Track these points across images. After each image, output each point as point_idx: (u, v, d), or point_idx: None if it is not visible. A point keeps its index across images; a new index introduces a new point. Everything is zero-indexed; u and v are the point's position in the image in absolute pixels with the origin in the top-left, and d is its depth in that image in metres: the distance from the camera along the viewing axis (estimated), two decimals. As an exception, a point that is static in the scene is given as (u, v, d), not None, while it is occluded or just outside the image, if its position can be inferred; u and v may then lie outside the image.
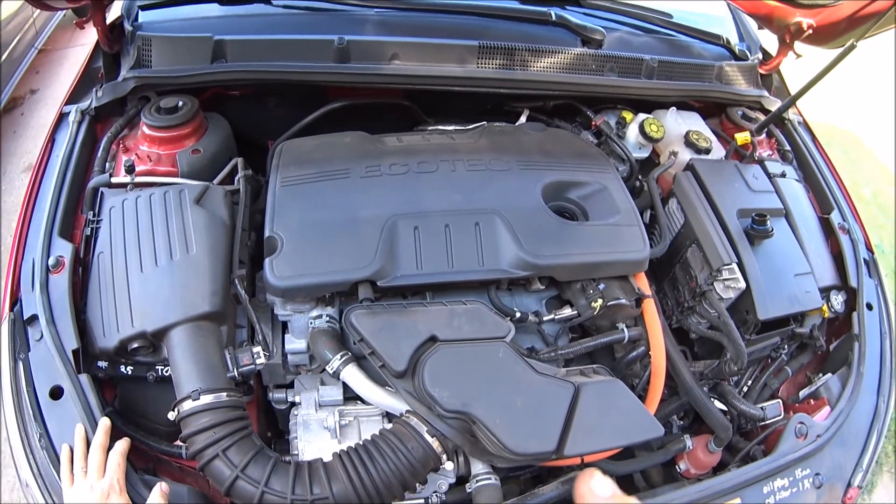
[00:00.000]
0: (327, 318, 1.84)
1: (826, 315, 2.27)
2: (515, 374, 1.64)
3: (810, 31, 2.52)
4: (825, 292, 2.28)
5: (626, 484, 2.13)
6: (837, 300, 2.31)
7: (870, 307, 2.33)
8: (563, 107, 2.64)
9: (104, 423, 1.59)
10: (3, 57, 4.93)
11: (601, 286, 1.93)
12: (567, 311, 1.95)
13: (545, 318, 1.93)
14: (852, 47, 2.16)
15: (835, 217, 2.51)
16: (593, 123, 2.53)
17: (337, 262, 1.77)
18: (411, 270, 1.78)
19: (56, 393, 1.65)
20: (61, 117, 2.32)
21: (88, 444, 1.57)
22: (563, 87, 2.46)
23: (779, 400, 2.20)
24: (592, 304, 1.90)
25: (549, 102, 2.64)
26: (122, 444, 1.59)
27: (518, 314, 1.88)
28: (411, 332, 1.66)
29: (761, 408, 2.11)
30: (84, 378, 1.66)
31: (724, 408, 2.09)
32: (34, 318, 1.75)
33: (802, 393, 2.27)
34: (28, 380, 1.67)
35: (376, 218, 1.85)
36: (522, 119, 2.57)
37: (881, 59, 6.53)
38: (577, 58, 2.44)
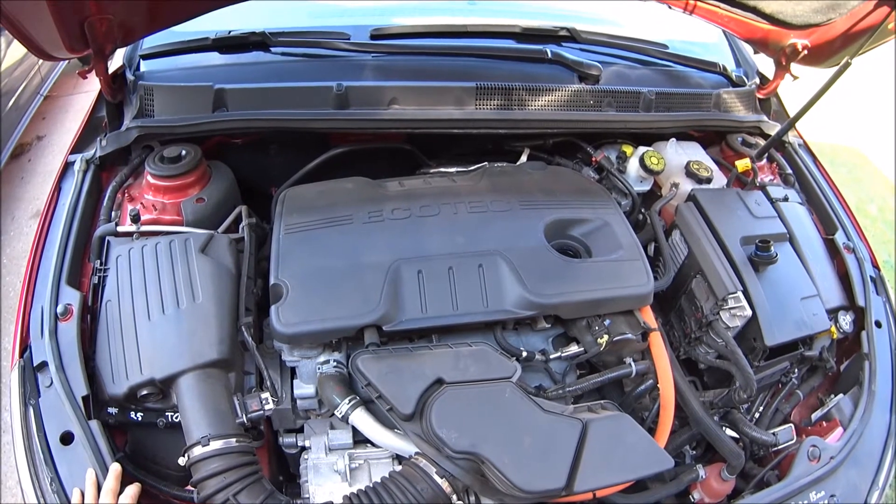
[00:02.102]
0: (335, 364, 1.86)
1: (835, 336, 2.26)
2: (522, 413, 1.65)
3: (806, 52, 2.53)
4: (833, 313, 2.28)
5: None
6: (846, 320, 2.31)
7: (878, 325, 2.32)
8: (564, 144, 2.65)
9: (114, 468, 1.60)
10: (10, 104, 4.98)
11: (607, 322, 1.94)
12: (573, 349, 1.96)
13: (552, 357, 1.94)
14: (847, 65, 2.17)
15: (839, 237, 2.51)
16: (594, 159, 2.53)
17: (342, 308, 1.78)
18: (416, 314, 1.79)
19: (66, 438, 1.66)
20: (67, 166, 2.34)
21: (99, 488, 1.58)
22: (562, 124, 2.47)
23: (790, 424, 2.18)
24: (598, 340, 1.91)
25: (549, 140, 2.64)
26: (133, 489, 1.60)
27: (525, 353, 1.89)
28: (418, 376, 1.67)
29: (773, 433, 2.09)
30: (94, 424, 1.67)
31: (735, 435, 2.08)
32: (44, 364, 1.77)
33: (815, 415, 2.26)
34: (39, 425, 1.68)
35: (380, 263, 1.86)
36: (523, 158, 2.57)
37: (883, 74, 6.54)
38: (575, 94, 2.46)
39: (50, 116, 5.96)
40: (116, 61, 2.47)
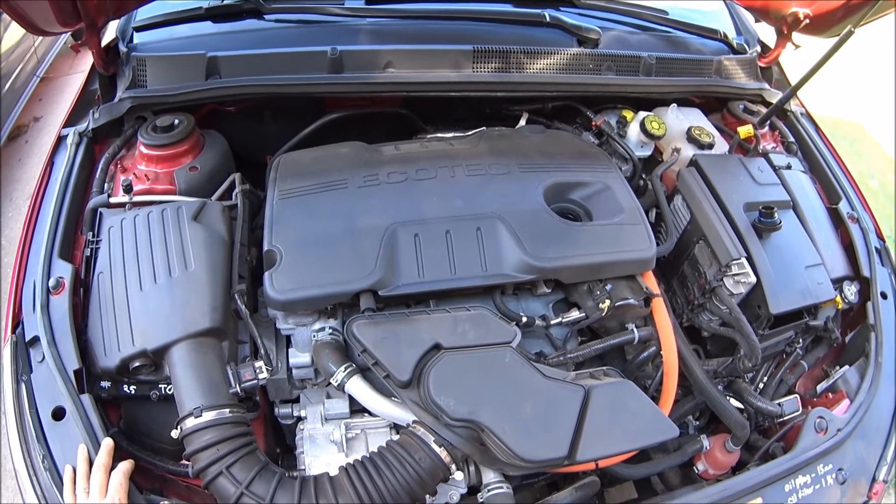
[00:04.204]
0: (330, 331, 1.82)
1: (840, 306, 2.23)
2: (523, 379, 1.61)
3: (807, 21, 2.51)
4: (838, 283, 2.24)
5: (644, 487, 2.11)
6: (851, 291, 2.27)
7: (884, 296, 2.29)
8: (563, 108, 2.62)
9: (107, 443, 1.58)
10: (7, 86, 4.98)
11: (608, 287, 1.90)
12: (575, 314, 1.92)
13: (553, 322, 1.90)
14: (850, 33, 2.13)
15: (843, 207, 2.48)
16: (594, 124, 2.50)
17: (337, 274, 1.75)
18: (413, 279, 1.76)
19: (58, 414, 1.63)
20: (59, 140, 2.31)
21: (91, 464, 1.56)
22: (561, 87, 2.43)
23: (796, 395, 2.15)
24: (600, 305, 1.87)
25: (548, 104, 2.61)
26: (125, 465, 1.57)
27: (525, 319, 1.85)
28: (415, 341, 1.64)
29: (778, 404, 2.06)
30: (86, 398, 1.65)
31: (740, 405, 2.05)
32: (36, 339, 1.74)
33: (820, 387, 2.24)
34: (31, 401, 1.66)
35: (376, 227, 1.83)
36: (522, 122, 2.54)
37: (884, 50, 6.50)
38: (574, 58, 2.42)
39: (46, 98, 5.95)
40: (110, 34, 2.45)
